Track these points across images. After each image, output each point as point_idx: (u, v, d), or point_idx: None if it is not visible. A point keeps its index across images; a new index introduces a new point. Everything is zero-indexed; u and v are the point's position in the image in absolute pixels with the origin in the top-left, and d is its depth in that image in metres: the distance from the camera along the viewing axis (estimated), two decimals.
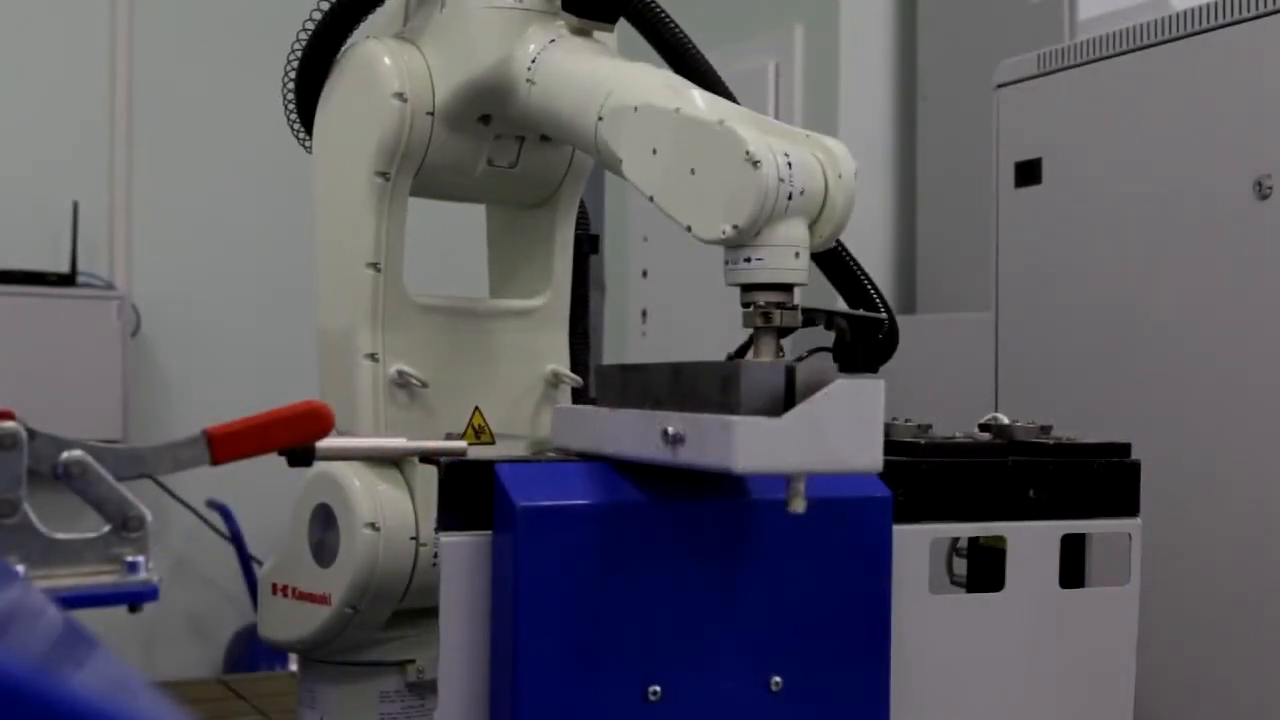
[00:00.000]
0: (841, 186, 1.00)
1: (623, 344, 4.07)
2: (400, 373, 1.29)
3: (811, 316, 1.10)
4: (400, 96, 1.28)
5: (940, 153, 3.14)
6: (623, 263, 4.07)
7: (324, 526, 1.28)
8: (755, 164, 0.96)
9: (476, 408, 1.34)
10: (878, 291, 1.25)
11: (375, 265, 1.28)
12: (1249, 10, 1.86)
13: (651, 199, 1.06)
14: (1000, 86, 2.29)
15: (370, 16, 1.35)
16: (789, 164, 0.97)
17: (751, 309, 0.97)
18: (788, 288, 0.98)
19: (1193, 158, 1.95)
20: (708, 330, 3.74)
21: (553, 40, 1.25)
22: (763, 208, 0.96)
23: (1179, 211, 1.97)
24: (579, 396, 1.42)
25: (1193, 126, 1.95)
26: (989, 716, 1.03)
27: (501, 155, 1.35)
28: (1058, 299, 2.17)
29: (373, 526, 1.23)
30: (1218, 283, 1.90)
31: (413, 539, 1.25)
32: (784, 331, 0.97)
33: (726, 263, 1.00)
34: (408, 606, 1.28)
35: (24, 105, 3.63)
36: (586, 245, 1.49)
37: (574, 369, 1.44)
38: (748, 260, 0.98)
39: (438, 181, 1.35)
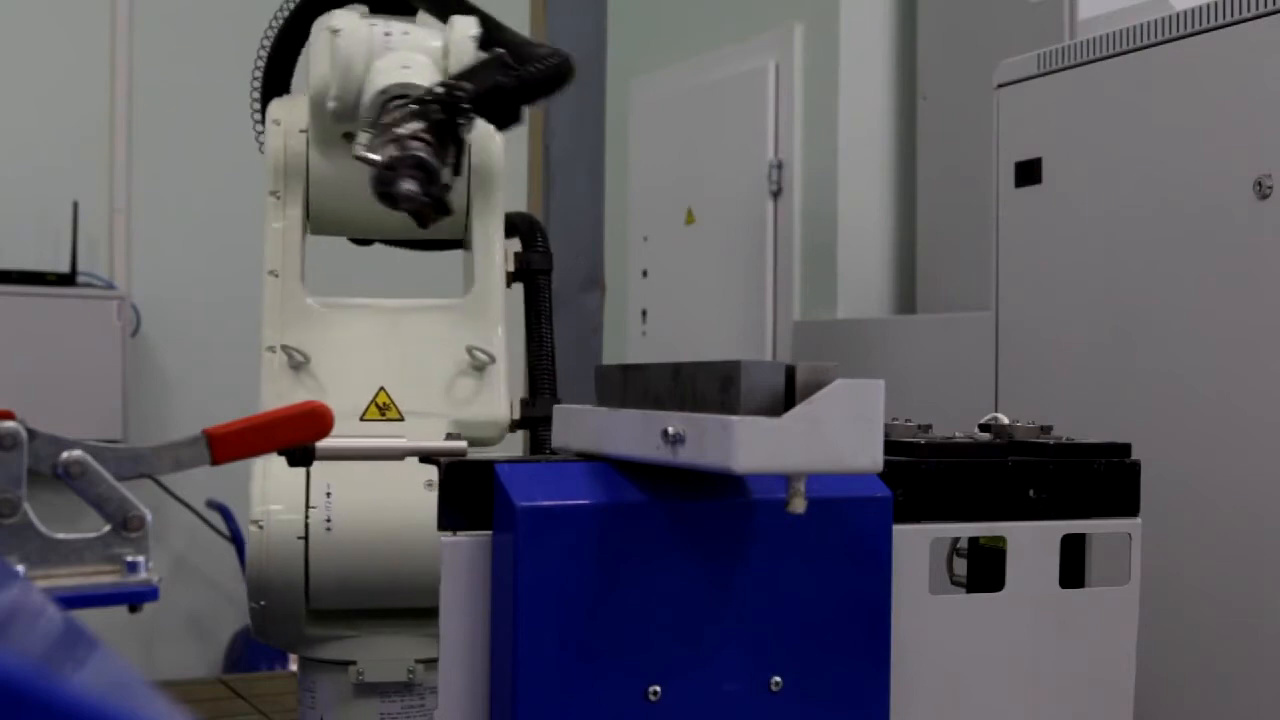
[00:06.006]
0: None
1: (623, 344, 4.07)
2: (284, 347, 1.38)
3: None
4: (276, 122, 1.45)
5: (940, 153, 3.14)
6: (623, 263, 4.07)
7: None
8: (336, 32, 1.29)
9: (382, 388, 1.39)
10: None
11: (273, 273, 1.43)
12: (1249, 10, 1.86)
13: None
14: (1000, 86, 2.29)
15: None
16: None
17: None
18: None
19: (1193, 158, 1.95)
20: (708, 330, 3.75)
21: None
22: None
23: (1179, 211, 1.97)
24: (540, 423, 1.44)
25: (1193, 126, 1.95)
26: (989, 716, 1.03)
27: None
28: (1058, 299, 2.17)
29: (257, 524, 1.27)
30: (1218, 282, 1.90)
31: (300, 538, 1.28)
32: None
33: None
34: (354, 606, 1.31)
35: (24, 105, 3.63)
36: (542, 277, 1.51)
37: (532, 396, 1.46)
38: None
39: (343, 213, 1.48)
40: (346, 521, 1.28)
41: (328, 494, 1.28)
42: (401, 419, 1.37)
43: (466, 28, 1.35)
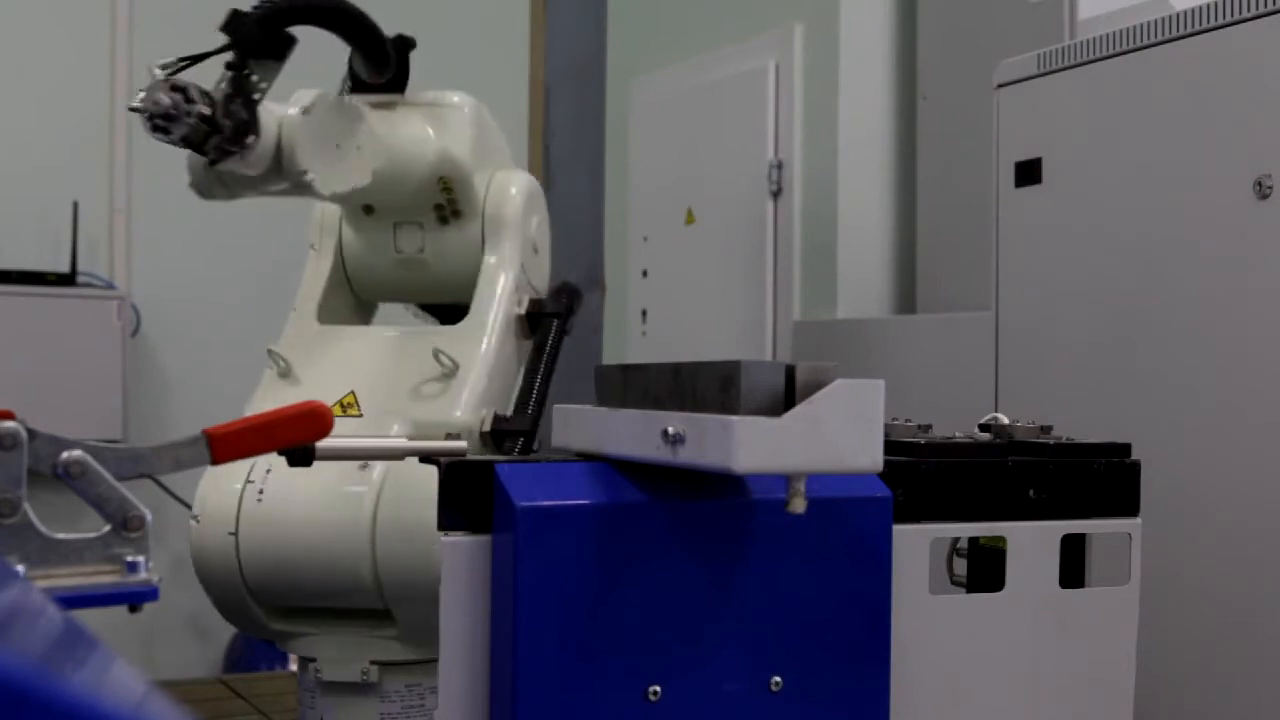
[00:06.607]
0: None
1: (623, 344, 4.07)
2: (270, 353, 1.45)
3: None
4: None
5: (940, 153, 3.14)
6: (623, 263, 4.07)
7: None
8: None
9: (352, 390, 1.45)
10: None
11: (294, 308, 1.54)
12: (1249, 10, 1.86)
13: None
14: (1000, 86, 2.29)
15: None
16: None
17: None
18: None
19: (1193, 158, 1.95)
20: (708, 330, 3.75)
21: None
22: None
23: (1179, 211, 1.97)
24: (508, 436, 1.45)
25: (1193, 126, 1.95)
26: (989, 717, 1.03)
27: (407, 242, 1.54)
28: (1058, 299, 2.17)
29: (195, 519, 1.32)
30: (1218, 283, 1.90)
31: (231, 534, 1.31)
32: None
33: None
34: (294, 597, 1.35)
35: (24, 105, 3.63)
36: (563, 319, 1.53)
37: (516, 412, 1.47)
38: None
39: (374, 274, 1.56)
40: (277, 496, 1.32)
41: (268, 470, 1.33)
42: (361, 416, 1.42)
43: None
